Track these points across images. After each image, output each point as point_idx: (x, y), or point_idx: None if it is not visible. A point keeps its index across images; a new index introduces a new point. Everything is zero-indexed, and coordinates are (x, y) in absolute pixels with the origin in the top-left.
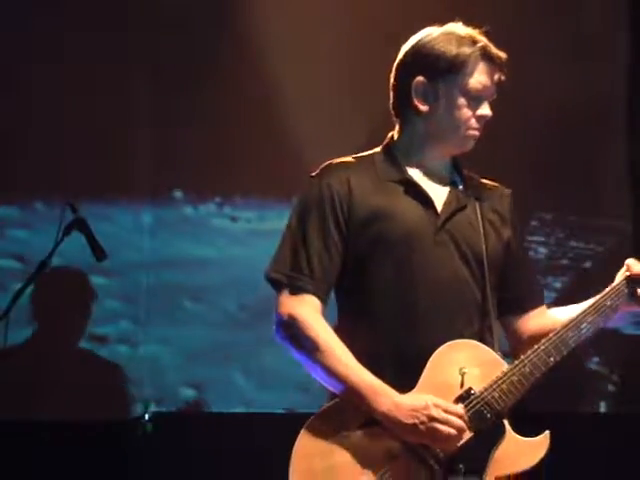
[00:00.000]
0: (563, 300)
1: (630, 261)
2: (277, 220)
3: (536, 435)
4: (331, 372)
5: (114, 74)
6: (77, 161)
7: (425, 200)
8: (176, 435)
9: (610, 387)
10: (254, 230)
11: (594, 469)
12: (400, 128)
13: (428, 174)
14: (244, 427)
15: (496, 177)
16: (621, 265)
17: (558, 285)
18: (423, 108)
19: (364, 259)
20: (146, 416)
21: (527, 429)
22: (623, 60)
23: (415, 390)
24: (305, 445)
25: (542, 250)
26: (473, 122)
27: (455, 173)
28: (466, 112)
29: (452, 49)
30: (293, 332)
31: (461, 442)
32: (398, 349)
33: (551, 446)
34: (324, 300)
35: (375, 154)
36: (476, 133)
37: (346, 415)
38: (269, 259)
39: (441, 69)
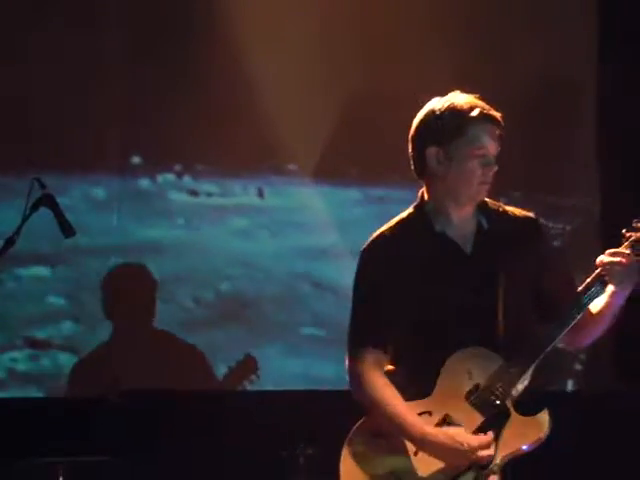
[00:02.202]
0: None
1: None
2: (242, 195)
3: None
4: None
5: (83, 44)
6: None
7: (455, 249)
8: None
9: (577, 366)
10: (216, 205)
11: (562, 447)
12: (427, 190)
13: (456, 223)
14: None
15: None
16: (589, 244)
17: None
18: (438, 171)
19: (405, 311)
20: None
21: None
22: (591, 41)
23: (432, 395)
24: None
25: None
26: (481, 176)
27: (480, 213)
28: (474, 168)
29: (455, 119)
30: (352, 387)
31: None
32: (425, 368)
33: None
34: (383, 350)
35: (410, 215)
36: (486, 186)
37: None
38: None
39: (448, 136)
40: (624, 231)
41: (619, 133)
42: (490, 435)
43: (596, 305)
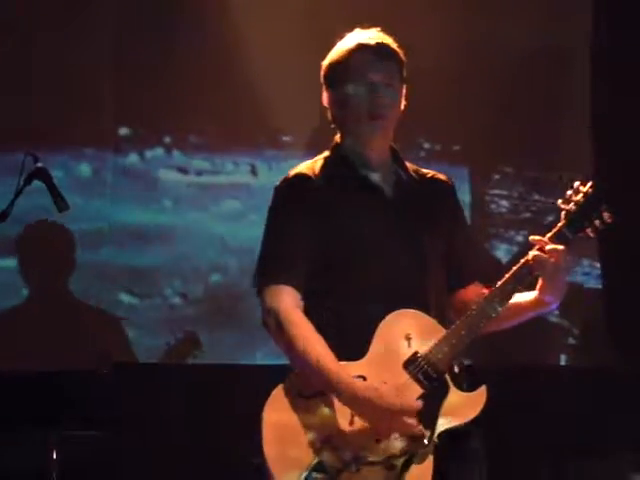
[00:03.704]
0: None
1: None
2: (234, 173)
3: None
4: (304, 364)
5: (76, 25)
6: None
7: (380, 193)
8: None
9: (570, 340)
10: (207, 184)
11: (556, 420)
12: (339, 138)
13: (376, 169)
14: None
15: (459, 132)
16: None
17: (520, 239)
18: (337, 115)
19: (326, 250)
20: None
21: (491, 382)
22: (585, 15)
23: (366, 358)
24: (276, 401)
25: (504, 203)
26: (368, 108)
27: (397, 166)
28: (360, 101)
29: (338, 58)
30: (272, 326)
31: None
32: (351, 321)
33: (513, 398)
34: (300, 289)
35: (328, 158)
36: (381, 121)
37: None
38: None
39: (335, 76)
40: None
41: (612, 108)
42: (418, 404)
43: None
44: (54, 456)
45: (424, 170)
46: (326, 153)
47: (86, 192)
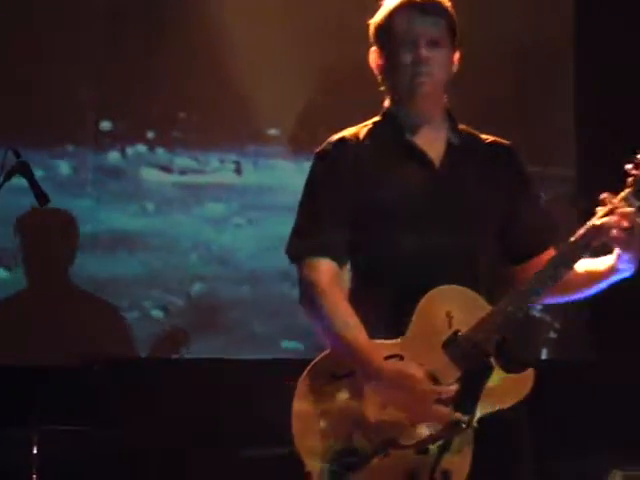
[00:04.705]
0: None
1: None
2: (219, 171)
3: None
4: (335, 342)
5: (56, 17)
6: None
7: (423, 159)
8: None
9: (552, 334)
10: (190, 184)
11: (536, 413)
12: (389, 98)
13: (424, 134)
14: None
15: None
16: (565, 213)
17: None
18: (382, 73)
19: (368, 221)
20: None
21: None
22: (569, 11)
23: (405, 337)
24: (306, 386)
25: None
26: (411, 65)
27: (450, 130)
28: (402, 59)
29: (382, 15)
30: (306, 300)
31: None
32: (391, 298)
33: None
34: (341, 261)
35: (377, 122)
36: (425, 78)
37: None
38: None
39: (379, 33)
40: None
41: (597, 101)
42: (450, 389)
43: (592, 264)
44: (34, 452)
45: (483, 135)
46: (376, 118)
47: (65, 193)
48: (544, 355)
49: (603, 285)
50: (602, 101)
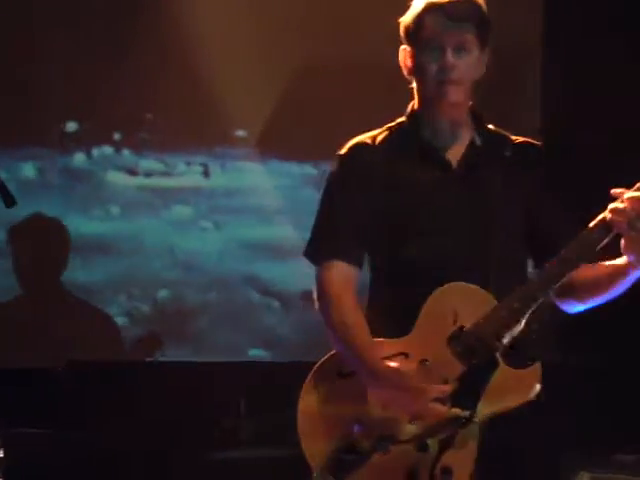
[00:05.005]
0: None
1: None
2: (185, 174)
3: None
4: (339, 346)
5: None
6: None
7: (442, 161)
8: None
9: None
10: (156, 187)
11: (520, 417)
12: (415, 99)
13: (445, 134)
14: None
15: None
16: None
17: None
18: (408, 72)
19: (387, 224)
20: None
21: None
22: (538, 11)
23: (411, 334)
24: (310, 389)
25: None
26: (436, 71)
27: (476, 132)
28: (426, 62)
29: (411, 15)
30: (318, 302)
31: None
32: (401, 299)
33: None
34: (355, 264)
35: (401, 123)
36: (450, 86)
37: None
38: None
39: (407, 33)
40: None
41: (564, 101)
42: (445, 388)
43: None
44: (1, 454)
45: (513, 137)
46: (401, 118)
47: (28, 196)
48: None
49: (630, 280)
50: (569, 101)
